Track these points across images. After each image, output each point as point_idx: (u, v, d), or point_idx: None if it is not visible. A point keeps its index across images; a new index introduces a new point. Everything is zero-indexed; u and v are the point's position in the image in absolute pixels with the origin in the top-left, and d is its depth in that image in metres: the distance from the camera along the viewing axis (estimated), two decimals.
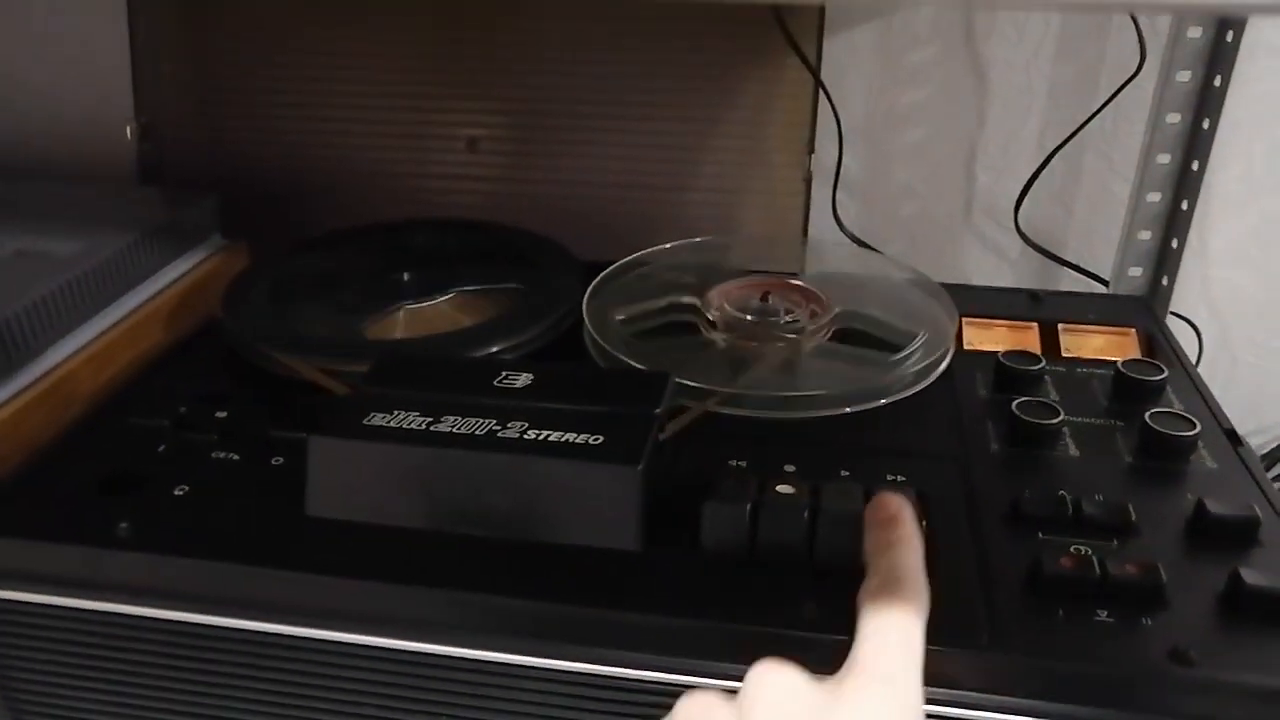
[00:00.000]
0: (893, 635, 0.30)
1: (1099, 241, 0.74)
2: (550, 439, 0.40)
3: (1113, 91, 0.68)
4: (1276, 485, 0.42)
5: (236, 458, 0.44)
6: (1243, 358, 0.75)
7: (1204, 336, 0.73)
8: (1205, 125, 0.64)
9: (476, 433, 0.40)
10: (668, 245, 0.60)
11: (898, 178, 0.76)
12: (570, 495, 0.39)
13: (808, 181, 0.73)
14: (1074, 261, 0.74)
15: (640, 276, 0.58)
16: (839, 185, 0.74)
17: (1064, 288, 0.73)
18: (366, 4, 0.73)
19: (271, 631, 0.38)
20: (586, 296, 0.54)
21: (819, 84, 0.70)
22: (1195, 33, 0.63)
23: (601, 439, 0.40)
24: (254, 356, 0.51)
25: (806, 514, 0.37)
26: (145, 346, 0.58)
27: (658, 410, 0.42)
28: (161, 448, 0.45)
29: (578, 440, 0.40)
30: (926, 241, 0.77)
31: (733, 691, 0.30)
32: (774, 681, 0.29)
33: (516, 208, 0.76)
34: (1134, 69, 0.67)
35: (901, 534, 0.34)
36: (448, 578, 0.37)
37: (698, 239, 0.63)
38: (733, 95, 0.73)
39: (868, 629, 0.31)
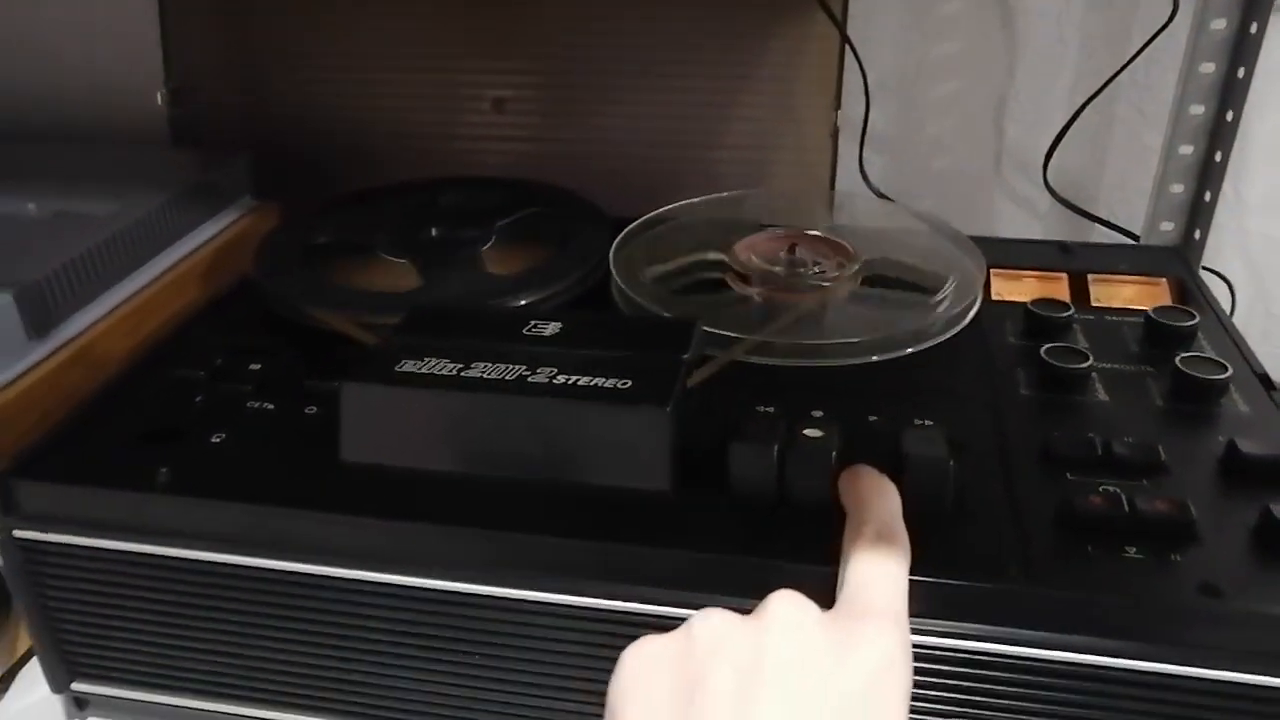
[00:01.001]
0: (894, 579, 0.32)
1: (1131, 195, 0.73)
2: (579, 383, 0.40)
3: (1144, 42, 0.67)
4: None
5: (271, 407, 0.45)
6: (1278, 311, 0.74)
7: (1238, 291, 0.72)
8: (1240, 74, 0.63)
9: (506, 378, 0.41)
10: (695, 200, 0.60)
11: (927, 132, 0.75)
12: (600, 438, 0.39)
13: (834, 137, 0.72)
14: (1105, 216, 0.73)
15: (667, 230, 0.58)
16: (866, 140, 0.73)
17: (1095, 242, 0.73)
18: None
19: (307, 572, 0.39)
20: (613, 249, 0.55)
21: (845, 39, 0.70)
22: None
23: (630, 383, 0.40)
24: (286, 310, 0.51)
25: (834, 456, 0.38)
26: (179, 305, 0.59)
27: (685, 355, 0.42)
28: (199, 399, 0.46)
29: (606, 385, 0.40)
30: (956, 196, 0.77)
31: (747, 612, 0.30)
32: (791, 609, 0.30)
33: (543, 167, 0.76)
34: (1166, 18, 0.66)
35: (885, 486, 0.36)
36: (481, 518, 0.38)
37: (724, 194, 0.63)
38: (760, 52, 0.73)
39: (871, 573, 0.32)
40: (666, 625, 0.36)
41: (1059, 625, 0.34)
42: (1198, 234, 0.68)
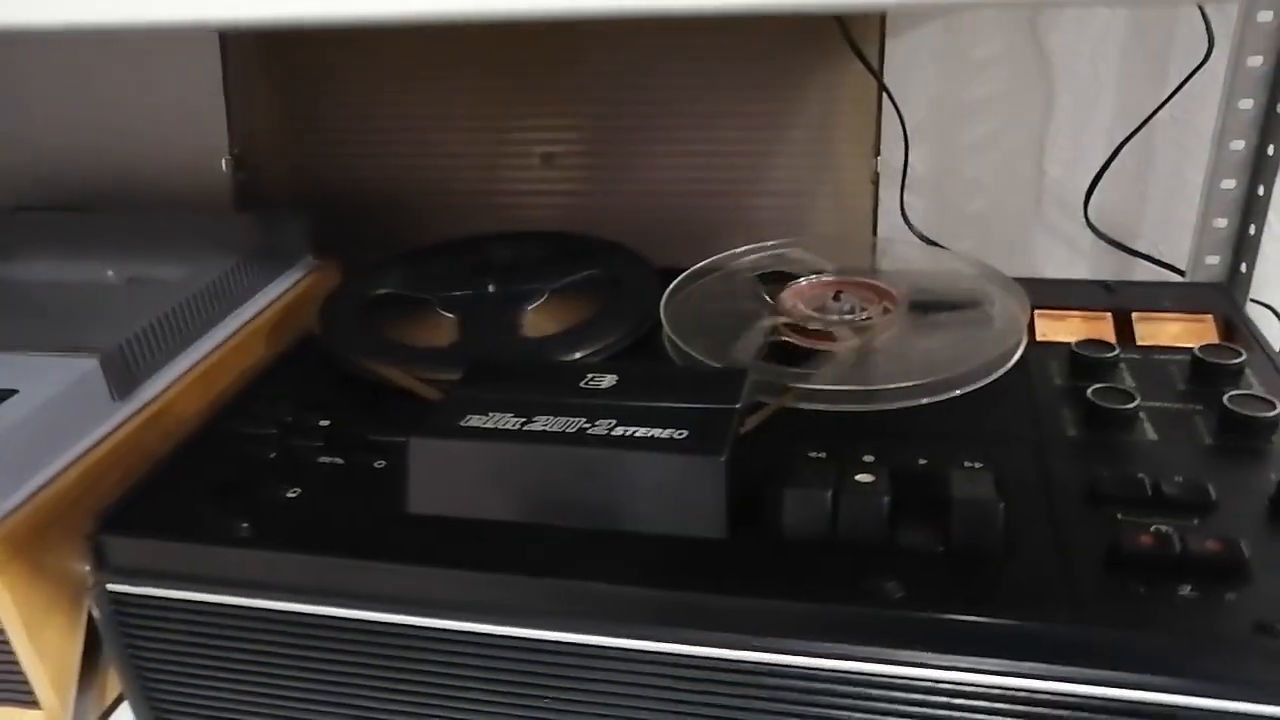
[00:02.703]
0: None
1: (1174, 230, 0.74)
2: (638, 435, 0.42)
3: (1182, 77, 0.68)
4: None
5: (341, 462, 0.47)
6: None
7: None
8: None
9: (567, 430, 0.42)
10: (740, 249, 0.62)
11: (965, 174, 0.76)
12: (659, 487, 0.41)
13: (875, 182, 0.74)
14: (1148, 252, 0.74)
15: (715, 280, 0.60)
16: (906, 185, 0.75)
17: (1138, 279, 0.73)
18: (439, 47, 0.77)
19: (379, 620, 0.41)
20: (664, 300, 0.56)
21: (881, 86, 0.71)
22: (1266, 16, 0.63)
23: (686, 433, 0.41)
24: (350, 367, 0.54)
25: (886, 502, 0.39)
26: (247, 364, 0.61)
27: (737, 405, 0.44)
28: (272, 455, 0.48)
29: (663, 435, 0.42)
30: (996, 237, 0.78)
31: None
32: None
33: (590, 219, 0.79)
34: (1202, 55, 0.67)
35: None
36: (547, 567, 0.39)
37: (769, 242, 0.65)
38: (798, 101, 0.75)
39: None
40: (727, 668, 0.38)
41: (1112, 664, 0.34)
42: (1244, 268, 0.68)
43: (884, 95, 0.71)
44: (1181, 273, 0.71)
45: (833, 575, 0.38)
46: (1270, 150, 0.65)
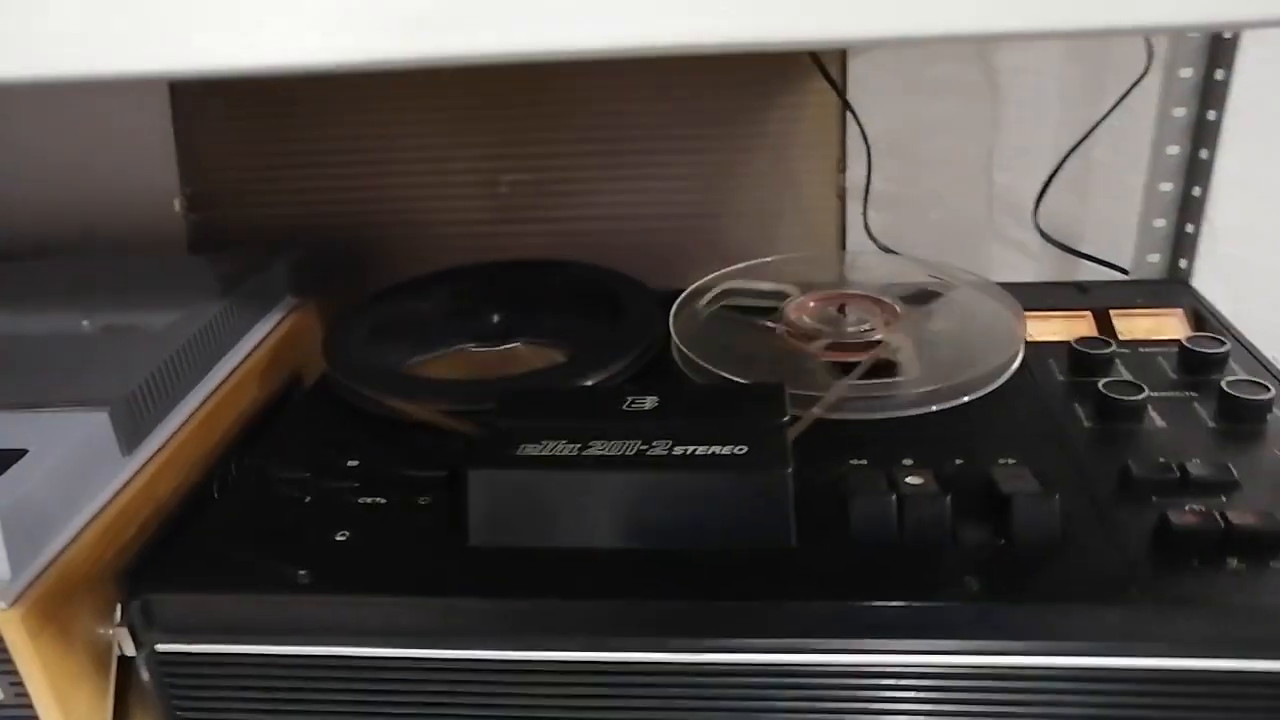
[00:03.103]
0: None
1: (1115, 231, 0.79)
2: (698, 453, 0.42)
3: (1119, 89, 0.73)
4: None
5: (384, 501, 0.47)
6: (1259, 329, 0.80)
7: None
8: (1210, 116, 0.69)
9: (627, 453, 0.43)
10: (735, 267, 0.64)
11: (923, 186, 0.80)
12: (728, 502, 0.41)
13: (841, 198, 0.76)
14: (1092, 253, 0.78)
15: (716, 299, 0.61)
16: (869, 199, 0.78)
17: (1083, 278, 0.78)
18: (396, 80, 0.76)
19: (455, 657, 0.41)
20: (672, 321, 0.57)
21: (846, 105, 0.74)
22: (1194, 33, 0.68)
23: (746, 449, 0.43)
24: (370, 405, 0.53)
25: (949, 499, 0.41)
26: (244, 408, 0.60)
27: (786, 417, 0.45)
28: (307, 499, 0.47)
29: (724, 452, 0.42)
30: (952, 244, 0.81)
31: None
32: None
33: (553, 247, 0.79)
34: (1137, 67, 0.72)
35: None
36: (630, 588, 0.40)
37: (754, 261, 0.66)
38: (762, 121, 0.77)
39: None
40: (815, 673, 0.39)
41: (1183, 637, 0.37)
42: (1183, 264, 0.73)
43: (848, 113, 0.74)
44: (1126, 271, 0.76)
45: (909, 575, 0.39)
46: (1203, 154, 0.70)
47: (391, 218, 0.80)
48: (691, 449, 0.43)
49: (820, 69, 0.72)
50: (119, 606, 0.46)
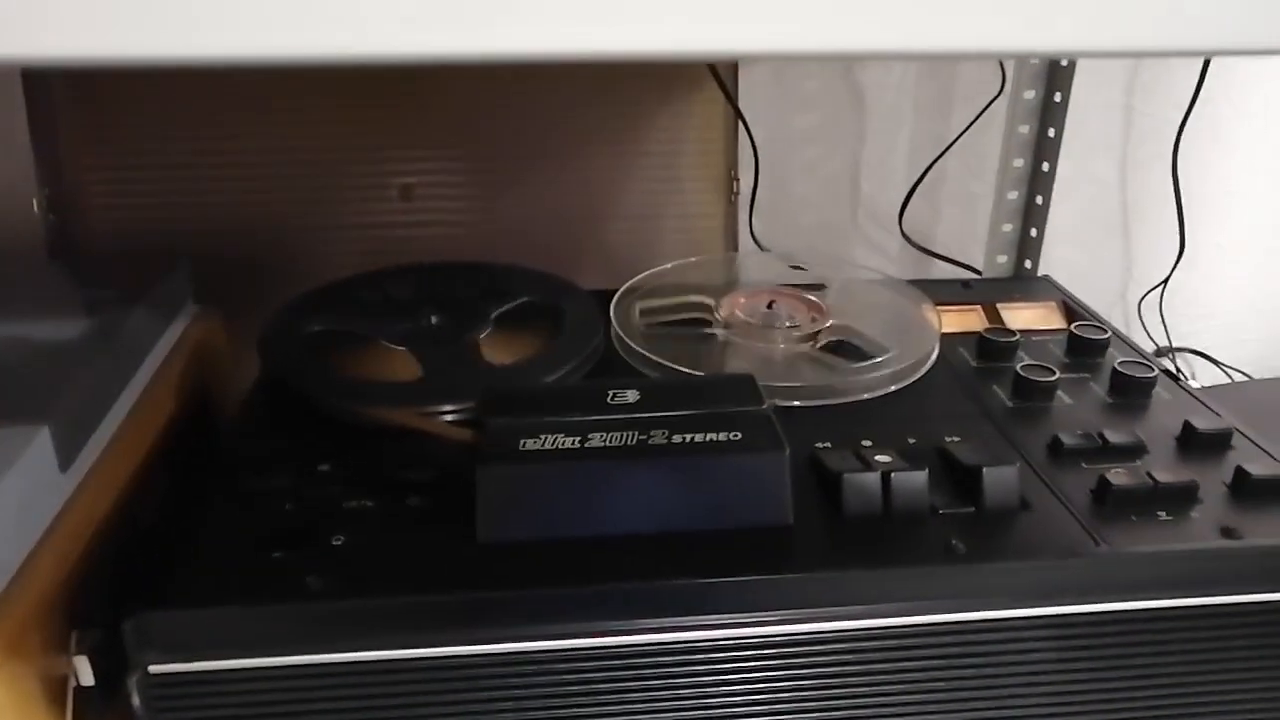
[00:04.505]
0: None
1: (964, 236, 0.87)
2: (696, 440, 0.45)
3: (967, 107, 0.81)
4: None
5: (371, 504, 0.46)
6: None
7: None
8: (1051, 133, 0.78)
9: (628, 444, 0.45)
10: (666, 266, 0.66)
11: (795, 192, 0.85)
12: (731, 484, 0.44)
13: (734, 202, 0.81)
14: (945, 254, 0.86)
15: (647, 296, 0.64)
16: (744, 204, 0.82)
17: (936, 277, 0.86)
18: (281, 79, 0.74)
19: (480, 653, 0.41)
20: (614, 317, 0.59)
21: (738, 113, 0.78)
22: (1035, 59, 0.77)
23: (740, 434, 0.45)
24: (327, 408, 0.52)
25: (926, 472, 0.45)
26: (164, 419, 0.56)
27: (764, 404, 0.48)
28: (288, 506, 0.46)
29: (720, 438, 0.45)
30: (822, 246, 0.87)
31: None
32: None
33: (450, 249, 0.79)
34: (982, 87, 0.80)
35: None
36: (634, 572, 0.41)
37: (673, 263, 0.69)
38: (652, 129, 0.80)
39: None
40: (819, 641, 0.42)
41: (1136, 581, 0.43)
42: (1028, 264, 0.82)
43: (740, 122, 0.78)
44: (979, 271, 0.85)
45: (901, 543, 0.43)
46: (1045, 167, 0.80)
47: (277, 220, 0.77)
48: (689, 437, 0.45)
49: (717, 80, 0.76)
50: (74, 635, 0.43)
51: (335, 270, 0.67)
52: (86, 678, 0.43)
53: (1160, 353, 0.91)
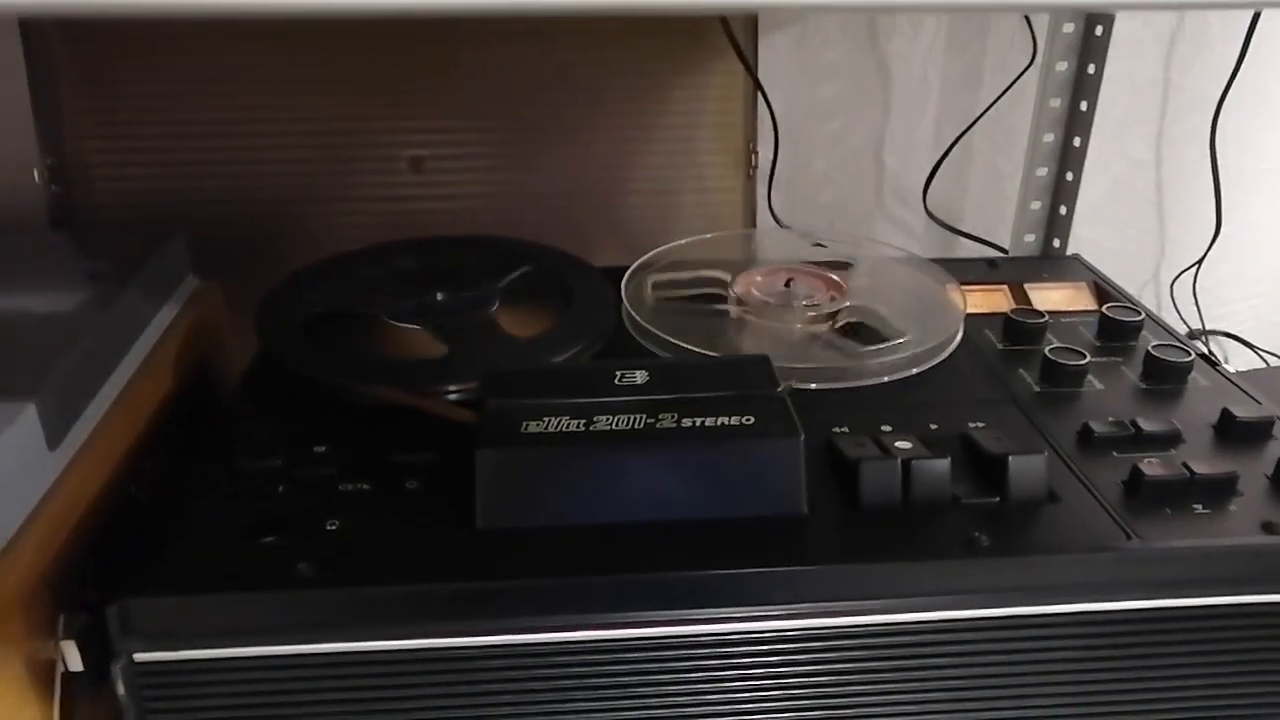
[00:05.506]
0: None
1: (990, 214, 0.84)
2: (707, 424, 0.43)
3: (996, 80, 0.78)
4: None
5: (367, 487, 0.44)
6: None
7: None
8: (1084, 107, 0.75)
9: (635, 427, 0.43)
10: (681, 242, 0.64)
11: (817, 166, 0.82)
12: (741, 471, 0.42)
13: (752, 176, 0.78)
14: (971, 232, 0.84)
15: (662, 272, 0.61)
16: (762, 178, 0.80)
17: (961, 256, 0.83)
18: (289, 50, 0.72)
19: (479, 645, 0.39)
20: (625, 293, 0.57)
21: (757, 85, 0.76)
22: (1069, 27, 0.74)
23: (752, 419, 0.43)
24: (327, 388, 0.50)
25: (948, 462, 0.43)
26: (160, 396, 0.55)
27: (779, 387, 0.46)
28: (281, 489, 0.44)
29: (732, 423, 0.43)
30: (843, 223, 0.85)
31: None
32: None
33: (461, 223, 0.77)
34: (1014, 59, 0.77)
35: None
36: (640, 562, 0.39)
37: (701, 237, 0.67)
38: (666, 101, 0.77)
39: None
40: (833, 638, 0.40)
41: (1170, 578, 0.40)
42: (1056, 243, 0.79)
43: (759, 93, 0.76)
44: (1005, 250, 0.82)
45: (921, 535, 0.41)
46: (1076, 142, 0.77)
47: (281, 194, 0.75)
48: (699, 420, 0.43)
49: (735, 47, 0.73)
50: (61, 619, 0.42)
51: (343, 243, 0.65)
52: (75, 663, 0.42)
53: (1192, 335, 0.88)
